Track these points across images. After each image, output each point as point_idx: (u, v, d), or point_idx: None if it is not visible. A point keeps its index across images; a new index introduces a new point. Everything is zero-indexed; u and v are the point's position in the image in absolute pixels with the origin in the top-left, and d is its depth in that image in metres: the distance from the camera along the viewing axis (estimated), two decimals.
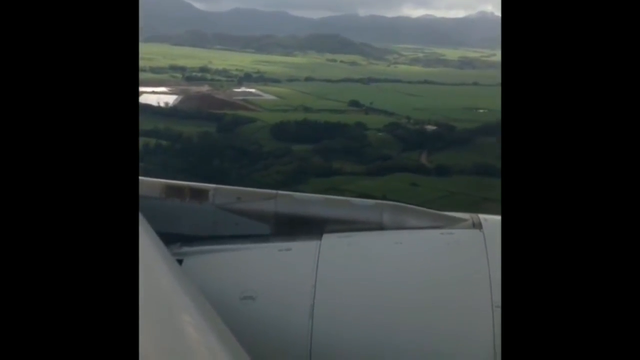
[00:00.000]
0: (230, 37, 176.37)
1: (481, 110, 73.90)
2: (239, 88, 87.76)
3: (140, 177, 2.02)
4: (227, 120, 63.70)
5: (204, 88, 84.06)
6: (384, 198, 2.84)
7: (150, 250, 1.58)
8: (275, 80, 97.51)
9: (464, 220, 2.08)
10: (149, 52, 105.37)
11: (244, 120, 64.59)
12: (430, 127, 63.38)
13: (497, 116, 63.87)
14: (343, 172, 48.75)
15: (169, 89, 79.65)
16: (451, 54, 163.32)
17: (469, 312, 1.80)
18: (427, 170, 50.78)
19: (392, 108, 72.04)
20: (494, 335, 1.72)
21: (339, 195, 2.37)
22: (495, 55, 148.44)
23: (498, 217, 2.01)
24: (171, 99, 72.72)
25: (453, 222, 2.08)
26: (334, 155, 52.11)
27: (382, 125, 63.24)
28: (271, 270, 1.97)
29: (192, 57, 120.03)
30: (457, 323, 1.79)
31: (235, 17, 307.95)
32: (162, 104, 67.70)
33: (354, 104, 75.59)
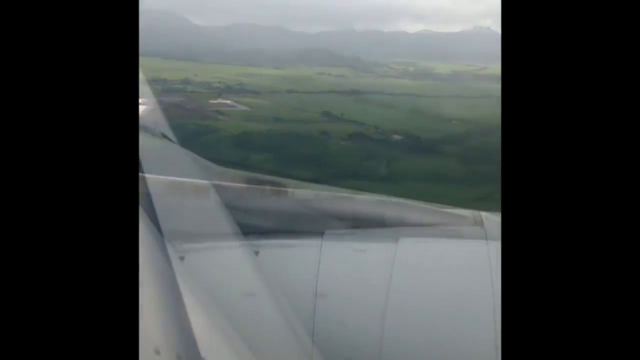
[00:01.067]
0: (223, 51, 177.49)
1: (453, 121, 73.73)
2: (216, 100, 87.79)
3: (143, 175, 2.09)
4: (189, 130, 63.54)
5: (176, 99, 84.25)
6: None
7: (151, 248, 1.60)
8: (256, 92, 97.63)
9: (466, 217, 2.11)
10: None
11: (208, 130, 64.55)
12: (396, 137, 63.22)
13: (466, 127, 64.11)
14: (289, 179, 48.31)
15: (140, 100, 79.64)
16: (442, 67, 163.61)
17: (471, 311, 1.82)
18: (378, 177, 50.41)
19: (363, 119, 71.97)
20: (496, 334, 1.73)
21: None
22: (487, 68, 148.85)
23: (499, 215, 2.00)
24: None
25: (455, 219, 2.10)
26: (290, 163, 51.89)
27: (347, 134, 63.02)
28: (273, 267, 1.99)
29: (178, 70, 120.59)
30: (459, 322, 1.81)
31: (232, 32, 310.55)
32: None
33: (326, 114, 75.51)
